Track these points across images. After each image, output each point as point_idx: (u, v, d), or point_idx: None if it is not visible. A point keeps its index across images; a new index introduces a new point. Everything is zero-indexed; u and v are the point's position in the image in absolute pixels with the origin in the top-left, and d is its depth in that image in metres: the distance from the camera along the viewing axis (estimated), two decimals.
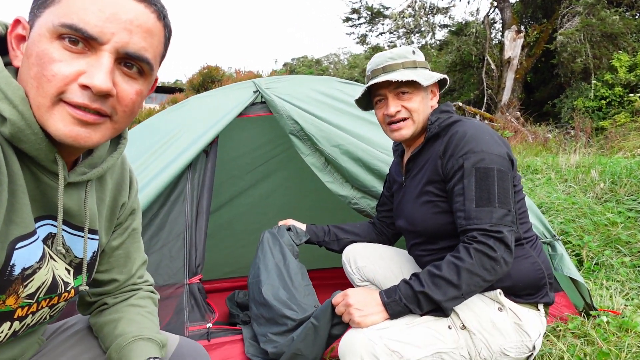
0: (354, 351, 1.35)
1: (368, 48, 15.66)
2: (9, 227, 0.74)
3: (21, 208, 0.76)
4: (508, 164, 1.47)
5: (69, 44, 0.71)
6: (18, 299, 0.81)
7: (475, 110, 9.61)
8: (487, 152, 1.44)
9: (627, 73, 8.50)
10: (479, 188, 1.41)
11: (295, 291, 1.78)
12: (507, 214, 1.40)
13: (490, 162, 1.43)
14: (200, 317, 1.85)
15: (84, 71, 0.72)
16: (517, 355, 1.48)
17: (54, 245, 0.86)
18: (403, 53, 1.63)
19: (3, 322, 0.82)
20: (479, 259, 1.36)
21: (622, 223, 3.22)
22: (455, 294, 1.37)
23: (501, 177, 1.42)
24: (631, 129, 7.23)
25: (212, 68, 13.90)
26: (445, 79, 1.69)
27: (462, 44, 12.17)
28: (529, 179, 4.82)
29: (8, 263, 0.76)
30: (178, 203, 1.98)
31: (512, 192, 1.46)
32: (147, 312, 1.09)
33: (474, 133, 1.48)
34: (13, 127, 0.72)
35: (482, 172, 1.42)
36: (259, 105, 2.29)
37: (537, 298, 1.53)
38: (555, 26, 10.37)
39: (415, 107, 1.60)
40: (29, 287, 0.82)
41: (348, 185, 2.20)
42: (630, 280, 2.65)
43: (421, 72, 1.61)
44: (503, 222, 1.39)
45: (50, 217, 0.84)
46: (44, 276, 0.84)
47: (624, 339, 1.88)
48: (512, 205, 1.43)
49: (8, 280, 0.77)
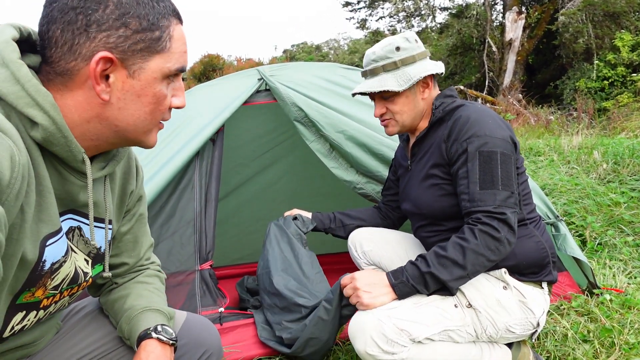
0: (364, 331, 1.39)
1: (368, 33, 15.54)
2: (39, 226, 0.79)
3: (48, 207, 0.80)
4: (511, 147, 1.50)
5: (169, 78, 0.86)
6: (45, 290, 0.87)
7: (476, 93, 9.57)
8: (490, 135, 1.47)
9: (629, 52, 8.44)
10: (482, 171, 1.45)
11: (307, 281, 1.83)
12: (510, 196, 1.43)
13: (493, 146, 1.46)
14: (212, 302, 1.90)
15: (173, 95, 0.89)
16: (522, 332, 1.52)
17: (74, 239, 0.91)
18: (385, 53, 1.62)
19: (30, 312, 0.88)
20: (484, 239, 1.39)
21: (625, 203, 3.24)
22: (460, 274, 1.41)
23: (504, 160, 1.45)
24: (634, 109, 7.21)
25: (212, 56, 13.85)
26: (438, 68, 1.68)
27: (462, 26, 12.06)
28: (532, 161, 4.83)
29: (40, 259, 0.81)
30: (187, 191, 2.02)
31: (515, 174, 1.49)
32: (154, 288, 1.15)
33: (477, 117, 1.51)
34: (45, 132, 0.76)
35: (486, 155, 1.45)
36: (263, 92, 2.30)
37: (541, 276, 1.56)
38: (557, 6, 10.27)
39: (397, 109, 1.66)
40: (55, 280, 0.87)
41: (353, 170, 2.23)
42: (633, 259, 2.68)
43: (402, 73, 1.60)
44: (506, 204, 1.42)
45: (70, 212, 0.89)
46: (68, 269, 0.89)
47: (626, 316, 1.92)
48: (515, 187, 1.46)
49: (39, 275, 0.83)
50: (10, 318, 0.85)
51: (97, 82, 0.78)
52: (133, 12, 0.78)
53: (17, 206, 0.69)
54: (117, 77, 0.80)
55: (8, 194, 0.65)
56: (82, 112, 0.81)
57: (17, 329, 0.88)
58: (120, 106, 0.82)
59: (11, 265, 0.75)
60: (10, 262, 0.74)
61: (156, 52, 0.82)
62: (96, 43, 0.76)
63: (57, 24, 0.76)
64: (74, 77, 0.78)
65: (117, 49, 0.78)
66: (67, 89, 0.79)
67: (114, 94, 0.81)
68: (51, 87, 0.79)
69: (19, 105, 0.74)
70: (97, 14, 0.76)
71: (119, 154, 0.97)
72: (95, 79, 0.78)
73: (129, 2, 0.77)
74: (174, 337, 1.02)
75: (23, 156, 0.69)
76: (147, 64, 0.81)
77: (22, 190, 0.69)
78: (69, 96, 0.80)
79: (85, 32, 0.76)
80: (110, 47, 0.77)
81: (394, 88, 1.59)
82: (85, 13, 0.75)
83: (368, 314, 1.42)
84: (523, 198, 1.59)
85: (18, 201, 0.69)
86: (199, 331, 1.15)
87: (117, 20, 0.77)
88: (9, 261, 0.74)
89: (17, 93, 0.73)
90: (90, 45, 0.76)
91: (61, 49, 0.76)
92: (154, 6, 0.80)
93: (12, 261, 0.75)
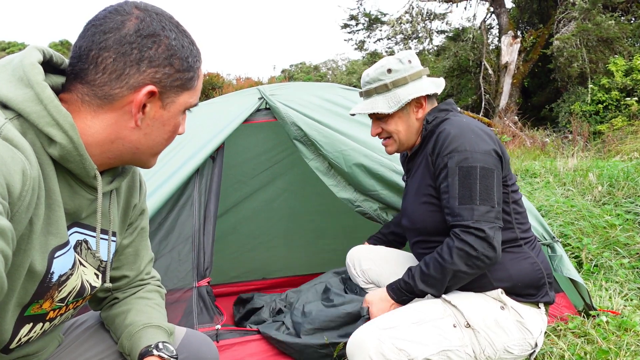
0: (362, 350, 1.40)
1: (366, 54, 15.74)
2: (47, 238, 0.82)
3: (57, 220, 0.83)
4: (494, 159, 1.51)
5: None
6: (52, 302, 0.89)
7: (473, 115, 9.67)
8: (471, 150, 1.50)
9: (623, 77, 8.57)
10: (461, 186, 1.48)
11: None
12: (489, 210, 1.46)
13: (473, 161, 1.48)
14: (209, 319, 1.89)
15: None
16: (520, 352, 1.52)
17: (82, 253, 0.94)
18: (378, 75, 1.67)
19: (37, 324, 0.90)
20: (459, 258, 1.45)
21: (621, 225, 3.26)
22: (444, 286, 1.53)
23: (484, 175, 1.48)
24: (628, 132, 7.29)
25: (212, 75, 13.97)
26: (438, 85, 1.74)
27: (459, 49, 12.24)
28: (528, 182, 4.87)
29: (49, 271, 0.84)
30: (186, 207, 2.03)
31: (500, 188, 1.51)
32: (154, 303, 1.16)
33: (457, 132, 1.54)
34: (63, 150, 0.81)
35: (465, 170, 1.49)
36: (263, 111, 2.33)
37: (538, 297, 1.57)
38: (552, 31, 10.45)
39: (392, 129, 1.70)
40: (62, 292, 0.90)
41: (351, 188, 2.25)
42: (629, 281, 2.69)
43: (392, 95, 1.65)
44: (485, 219, 1.45)
45: (75, 225, 0.92)
46: (75, 282, 0.92)
47: (623, 338, 1.93)
48: (495, 202, 1.48)
49: (47, 287, 0.85)
50: (18, 330, 0.87)
51: (138, 110, 0.86)
52: (178, 54, 0.88)
53: (27, 218, 0.72)
54: (152, 107, 0.88)
55: (19, 207, 0.69)
56: (110, 133, 0.87)
57: (23, 340, 0.90)
58: (147, 132, 0.90)
59: (19, 276, 0.77)
60: (17, 272, 0.77)
61: (186, 89, 0.92)
62: (144, 76, 0.85)
63: (111, 52, 0.82)
64: (113, 102, 0.85)
65: (160, 84, 0.87)
66: (102, 111, 0.85)
67: (145, 121, 0.89)
68: (85, 107, 0.84)
69: (40, 124, 0.78)
70: (150, 52, 0.84)
71: (125, 169, 1.01)
72: (137, 108, 0.85)
73: (176, 45, 0.87)
74: (174, 355, 1.03)
75: (34, 170, 0.73)
76: (177, 99, 0.91)
77: (32, 203, 0.72)
78: (103, 117, 0.85)
79: (137, 65, 0.84)
80: (155, 82, 0.86)
81: (384, 110, 1.64)
82: (140, 49, 0.84)
83: (367, 333, 1.42)
84: (517, 217, 1.60)
85: (28, 213, 0.72)
86: (199, 346, 1.16)
87: (165, 59, 0.86)
88: (16, 271, 0.76)
89: (39, 113, 0.78)
90: (139, 77, 0.85)
91: (109, 75, 0.83)
92: (192, 50, 0.91)
93: (20, 271, 0.77)
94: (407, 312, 1.54)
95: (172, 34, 0.87)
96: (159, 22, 0.86)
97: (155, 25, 0.85)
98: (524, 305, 1.54)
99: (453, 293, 1.59)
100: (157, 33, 0.85)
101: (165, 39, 0.85)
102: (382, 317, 1.52)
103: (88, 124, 0.85)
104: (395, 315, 1.52)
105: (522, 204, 1.65)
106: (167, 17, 0.88)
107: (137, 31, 0.83)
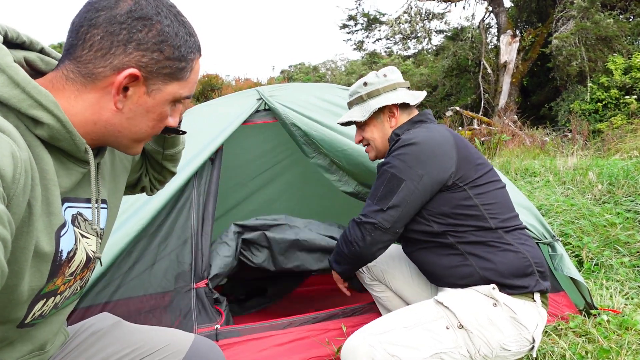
0: (355, 357, 1.41)
1: (365, 54, 15.76)
2: (50, 219, 0.82)
3: (54, 200, 0.83)
4: (416, 176, 1.56)
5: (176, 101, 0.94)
6: (64, 278, 0.92)
7: (472, 114, 9.67)
8: (397, 158, 1.61)
9: (622, 75, 8.58)
10: (375, 184, 1.66)
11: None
12: (378, 210, 1.59)
13: (390, 167, 1.61)
14: (208, 320, 1.89)
15: (171, 114, 0.96)
16: (518, 349, 1.51)
17: (81, 225, 0.95)
18: (355, 88, 1.85)
19: (50, 298, 0.92)
20: (342, 238, 1.71)
21: (621, 224, 3.26)
22: (342, 263, 1.77)
23: (391, 180, 1.61)
24: (627, 130, 7.29)
25: (211, 76, 13.99)
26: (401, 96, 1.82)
27: (458, 48, 12.26)
28: (528, 181, 4.87)
29: (58, 250, 0.85)
30: (185, 209, 2.02)
31: (409, 197, 1.56)
32: None
33: (405, 142, 1.63)
34: (51, 130, 0.80)
35: (381, 172, 1.65)
36: (262, 112, 2.33)
37: (530, 288, 1.54)
38: (550, 30, 10.47)
39: (369, 136, 1.85)
40: (72, 267, 0.92)
41: (354, 182, 2.27)
42: (630, 279, 2.69)
43: (366, 105, 1.80)
44: (372, 215, 1.60)
45: (66, 200, 0.91)
46: (81, 255, 0.94)
47: (624, 337, 1.92)
48: (388, 205, 1.57)
49: (59, 265, 0.87)
50: (33, 306, 0.88)
51: (117, 92, 0.84)
52: (170, 42, 0.85)
53: (24, 201, 0.72)
54: (135, 92, 0.87)
55: (15, 190, 0.68)
56: (93, 113, 0.86)
57: (37, 314, 0.92)
58: (129, 117, 0.89)
59: (25, 258, 0.77)
60: (23, 254, 0.77)
61: (176, 79, 0.90)
62: (130, 58, 0.83)
63: (99, 30, 0.81)
64: (96, 82, 0.84)
65: (145, 69, 0.85)
66: (85, 90, 0.84)
67: (127, 105, 0.87)
68: (69, 85, 0.84)
69: (22, 108, 0.77)
70: (140, 34, 0.83)
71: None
72: (117, 89, 0.84)
73: (169, 32, 0.85)
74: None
75: (24, 152, 0.73)
76: (165, 87, 0.89)
77: (27, 185, 0.72)
78: (86, 97, 0.84)
79: (124, 46, 0.82)
80: (140, 66, 0.84)
81: (357, 119, 1.80)
82: (129, 30, 0.82)
83: (359, 339, 1.43)
84: (487, 208, 1.57)
85: (25, 196, 0.72)
86: (206, 352, 1.16)
87: (155, 44, 0.84)
88: (22, 254, 0.77)
89: (19, 96, 0.77)
90: (123, 58, 0.83)
91: (95, 53, 0.82)
92: (187, 40, 0.89)
93: (26, 253, 0.77)
94: (399, 316, 1.54)
95: (167, 21, 0.85)
96: (154, 7, 0.84)
97: (149, 9, 0.83)
98: (518, 299, 1.52)
99: (445, 293, 1.58)
100: (150, 17, 0.83)
101: (157, 24, 0.84)
102: (374, 322, 1.53)
103: (72, 103, 0.84)
104: (387, 320, 1.52)
105: (497, 195, 1.62)
106: (166, 4, 0.87)
107: (129, 12, 0.82)
